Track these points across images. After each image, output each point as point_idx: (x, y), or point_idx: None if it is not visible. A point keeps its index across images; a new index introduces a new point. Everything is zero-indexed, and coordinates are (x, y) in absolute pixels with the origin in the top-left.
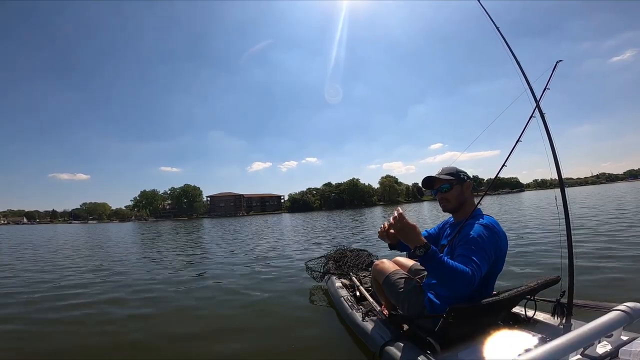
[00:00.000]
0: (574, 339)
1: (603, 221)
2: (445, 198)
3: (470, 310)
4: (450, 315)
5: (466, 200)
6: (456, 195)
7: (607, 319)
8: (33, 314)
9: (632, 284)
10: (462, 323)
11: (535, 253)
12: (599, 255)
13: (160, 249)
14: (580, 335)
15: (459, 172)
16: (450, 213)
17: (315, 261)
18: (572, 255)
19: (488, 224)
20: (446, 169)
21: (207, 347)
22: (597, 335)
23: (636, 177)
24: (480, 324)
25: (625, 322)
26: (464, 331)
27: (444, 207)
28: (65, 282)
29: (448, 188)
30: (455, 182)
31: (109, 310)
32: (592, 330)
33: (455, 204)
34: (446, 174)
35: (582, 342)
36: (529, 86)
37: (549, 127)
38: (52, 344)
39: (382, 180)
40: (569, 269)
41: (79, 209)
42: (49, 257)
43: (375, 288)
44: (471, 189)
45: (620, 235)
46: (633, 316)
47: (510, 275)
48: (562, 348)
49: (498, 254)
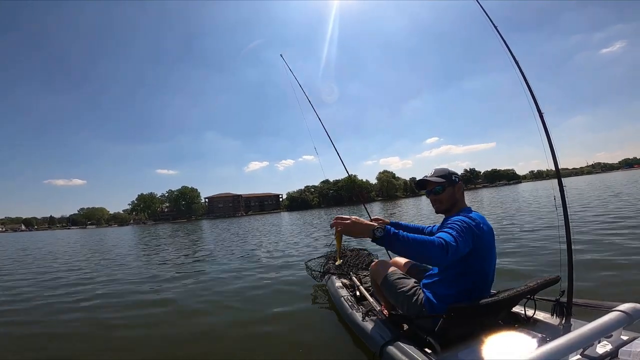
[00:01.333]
0: (574, 339)
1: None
2: (438, 200)
3: (470, 310)
4: (450, 315)
5: (457, 201)
6: (448, 197)
7: (607, 319)
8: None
9: (632, 284)
10: (462, 323)
11: (536, 253)
12: (599, 256)
13: (163, 251)
14: (580, 335)
15: (450, 173)
16: (443, 214)
17: (315, 261)
18: (572, 254)
19: (469, 214)
20: (438, 170)
21: (207, 347)
22: (597, 335)
23: (632, 166)
24: (480, 323)
25: (625, 322)
26: (464, 331)
27: (437, 209)
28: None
29: (440, 190)
30: (447, 184)
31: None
32: (592, 331)
33: (447, 205)
34: (439, 175)
35: (582, 342)
36: (528, 85)
37: (548, 128)
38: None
39: (379, 176)
40: (568, 269)
41: (77, 214)
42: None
43: (374, 288)
44: (462, 189)
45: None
46: (633, 316)
47: (510, 275)
48: (562, 348)
49: (478, 242)
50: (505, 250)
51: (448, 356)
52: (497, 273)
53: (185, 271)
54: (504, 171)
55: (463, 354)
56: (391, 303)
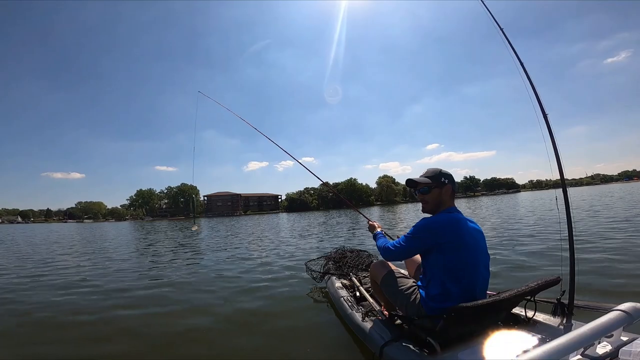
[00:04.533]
0: (574, 339)
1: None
2: (424, 200)
3: (470, 310)
4: (450, 315)
5: (443, 202)
6: (434, 198)
7: (607, 319)
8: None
9: (632, 285)
10: (462, 323)
11: (536, 253)
12: (600, 256)
13: (161, 248)
14: (581, 335)
15: (440, 174)
16: (429, 214)
17: (315, 262)
18: (574, 256)
19: (439, 216)
20: (430, 170)
21: (206, 347)
22: (597, 335)
23: (631, 178)
24: (480, 324)
25: (626, 322)
26: (464, 331)
27: (423, 208)
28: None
29: (427, 190)
30: (433, 186)
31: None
32: (592, 331)
33: (432, 206)
34: (428, 176)
35: (582, 343)
36: (534, 90)
37: (553, 132)
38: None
39: (379, 180)
40: (570, 270)
41: (74, 208)
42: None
43: (373, 288)
44: (451, 192)
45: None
46: (633, 316)
47: (509, 275)
48: (562, 348)
49: (435, 239)
50: (506, 250)
51: (448, 356)
52: (495, 273)
53: (184, 271)
54: (504, 180)
55: (463, 354)
56: (391, 303)
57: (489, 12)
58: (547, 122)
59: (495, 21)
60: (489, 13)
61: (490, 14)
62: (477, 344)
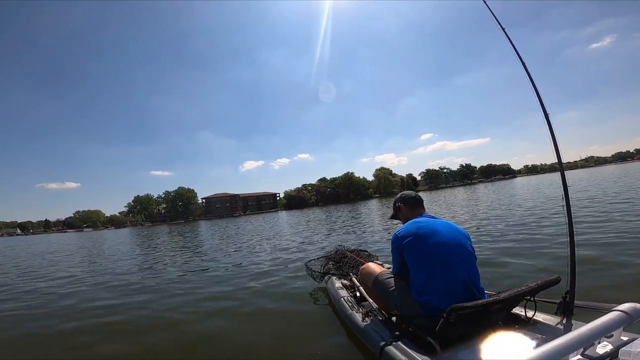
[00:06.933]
0: (574, 339)
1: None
2: (400, 221)
3: (470, 310)
4: (450, 315)
5: (409, 217)
6: (402, 218)
7: (607, 319)
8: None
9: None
10: (462, 323)
11: (536, 253)
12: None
13: (159, 253)
14: (581, 335)
15: (396, 201)
16: None
17: (315, 261)
18: (574, 255)
19: (404, 227)
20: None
21: (206, 348)
22: (597, 335)
23: (625, 159)
24: (480, 324)
25: (626, 322)
26: (464, 331)
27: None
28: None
29: (396, 216)
30: (396, 212)
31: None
32: (592, 331)
33: (405, 222)
34: (392, 205)
35: (582, 343)
36: (535, 90)
37: (553, 128)
38: None
39: (376, 173)
40: (570, 269)
41: (73, 217)
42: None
43: (366, 291)
44: (408, 209)
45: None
46: (633, 316)
47: (509, 275)
48: (562, 348)
49: (400, 243)
50: (506, 251)
51: (448, 356)
52: (497, 273)
53: (183, 272)
54: (499, 166)
55: (463, 354)
56: (384, 303)
57: (491, 12)
58: (548, 122)
59: (497, 21)
60: (491, 13)
61: (492, 13)
62: (477, 344)
